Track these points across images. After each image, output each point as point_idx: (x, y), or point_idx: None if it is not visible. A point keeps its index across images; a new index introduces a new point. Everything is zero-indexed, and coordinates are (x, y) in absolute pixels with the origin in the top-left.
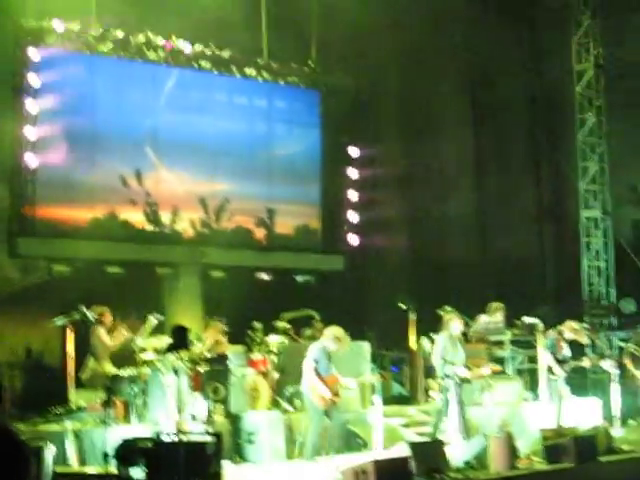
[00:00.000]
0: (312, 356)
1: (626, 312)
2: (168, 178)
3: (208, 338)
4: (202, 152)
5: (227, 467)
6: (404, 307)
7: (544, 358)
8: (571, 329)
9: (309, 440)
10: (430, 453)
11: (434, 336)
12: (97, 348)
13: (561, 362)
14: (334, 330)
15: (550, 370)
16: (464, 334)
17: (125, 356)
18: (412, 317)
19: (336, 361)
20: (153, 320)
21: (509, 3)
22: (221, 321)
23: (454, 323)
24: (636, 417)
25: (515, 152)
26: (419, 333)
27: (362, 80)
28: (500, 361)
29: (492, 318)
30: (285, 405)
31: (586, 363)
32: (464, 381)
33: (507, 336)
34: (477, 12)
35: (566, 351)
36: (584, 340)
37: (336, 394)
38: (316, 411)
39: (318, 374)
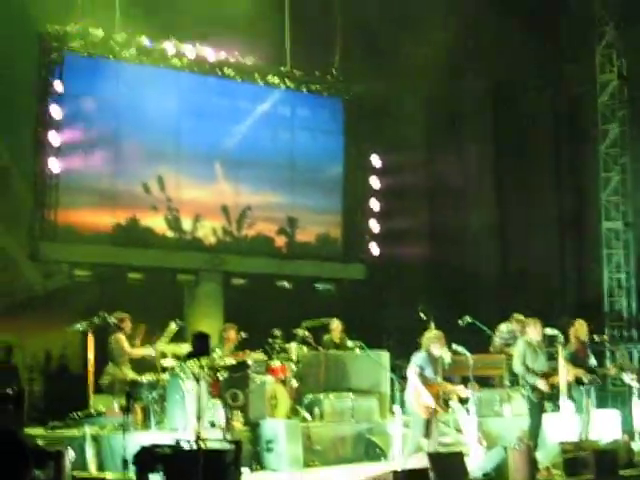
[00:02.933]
0: (416, 362)
1: None
2: (190, 185)
3: (227, 344)
4: (224, 159)
5: (246, 475)
6: (424, 317)
7: (564, 370)
8: (579, 327)
9: (407, 449)
10: (449, 464)
11: (455, 346)
12: (116, 354)
13: (590, 370)
14: (434, 333)
15: (579, 381)
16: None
17: (145, 362)
18: (432, 327)
19: (356, 370)
20: (174, 326)
21: (532, 16)
22: (240, 328)
23: (533, 329)
24: None
25: (537, 163)
26: None
27: (385, 89)
28: None
29: (512, 327)
30: (304, 413)
31: (611, 371)
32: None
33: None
34: (501, 25)
35: (592, 360)
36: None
37: (440, 403)
38: (418, 420)
39: (424, 381)
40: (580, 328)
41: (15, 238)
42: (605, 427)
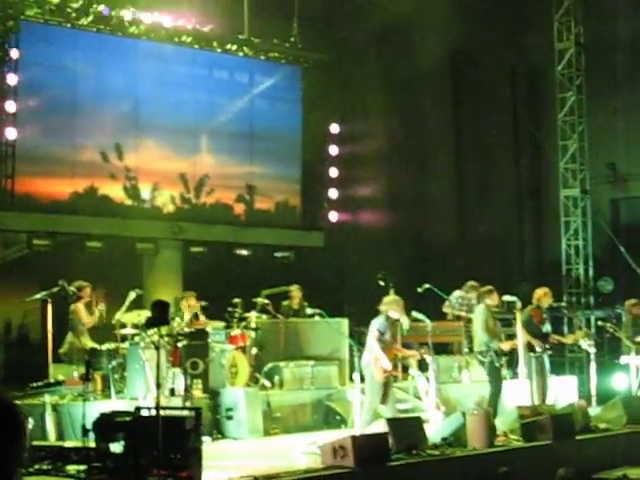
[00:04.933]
0: (375, 326)
1: (604, 291)
2: (148, 153)
3: (186, 312)
4: (182, 127)
5: (206, 443)
6: (383, 283)
7: (522, 336)
8: (542, 295)
9: (365, 413)
10: (408, 430)
11: (414, 313)
12: (76, 323)
13: (543, 337)
14: (392, 298)
15: (530, 347)
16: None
17: (104, 331)
18: (391, 294)
19: (315, 338)
20: (132, 294)
21: None
22: (198, 296)
23: (491, 296)
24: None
25: (495, 130)
26: None
27: (343, 56)
28: None
29: (466, 294)
30: (264, 381)
31: (568, 340)
32: (504, 354)
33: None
34: None
35: (547, 327)
36: (549, 302)
37: (396, 367)
38: (374, 383)
39: (383, 346)
40: (544, 296)
41: None
42: (562, 393)
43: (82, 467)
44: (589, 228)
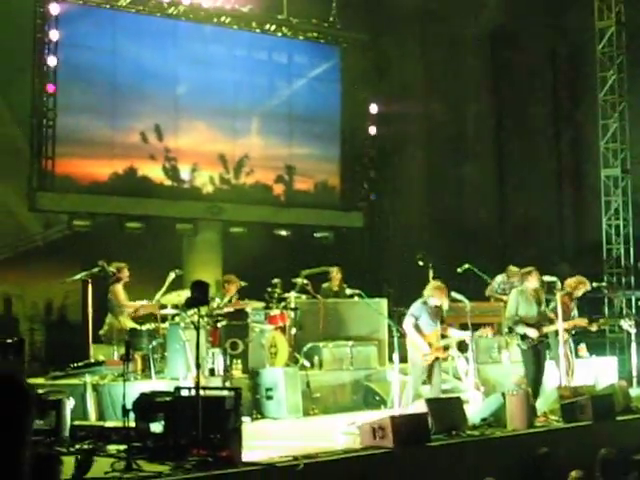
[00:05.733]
0: (410, 312)
1: None
2: (187, 134)
3: (227, 293)
4: (222, 108)
5: (246, 423)
6: (422, 264)
7: (560, 319)
8: (577, 284)
9: (405, 396)
10: (447, 410)
11: (454, 294)
12: (114, 303)
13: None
14: (432, 284)
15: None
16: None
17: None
18: (430, 274)
19: (354, 318)
20: (172, 275)
21: None
22: (239, 277)
23: (531, 277)
24: None
25: (536, 110)
26: None
27: (383, 36)
28: None
29: (508, 279)
30: (303, 361)
31: (592, 327)
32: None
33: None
34: None
35: (574, 312)
36: (588, 287)
37: (438, 349)
38: (415, 366)
39: (418, 330)
40: (579, 285)
41: (14, 189)
42: (603, 374)
43: (122, 447)
44: (630, 208)
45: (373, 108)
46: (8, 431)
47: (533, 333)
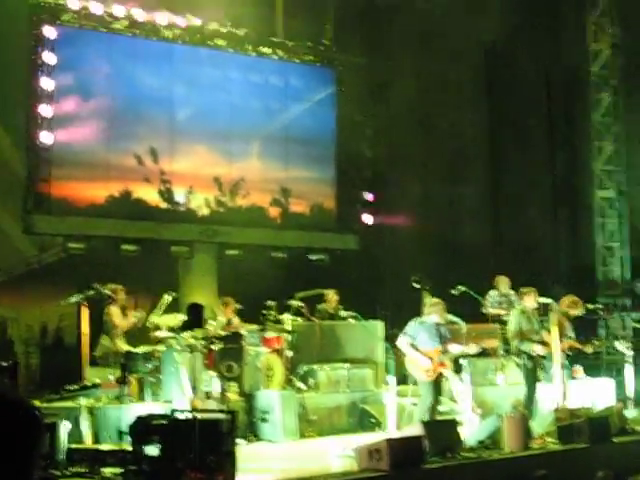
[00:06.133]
0: (404, 331)
1: None
2: (183, 157)
3: (222, 316)
4: (217, 131)
5: (241, 445)
6: (418, 286)
7: (557, 337)
8: (570, 303)
9: (419, 413)
10: (443, 433)
11: (449, 316)
12: (109, 326)
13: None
14: (431, 301)
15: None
16: (482, 314)
17: (140, 334)
18: (426, 296)
19: (350, 341)
20: (168, 298)
21: None
22: (234, 299)
23: (529, 297)
24: None
25: (530, 132)
26: None
27: (378, 58)
28: None
29: (500, 292)
30: (299, 384)
31: (588, 349)
32: (541, 358)
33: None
34: None
35: (570, 333)
36: (581, 312)
37: (442, 364)
38: (423, 385)
39: (414, 348)
40: (573, 305)
41: (9, 212)
42: (599, 395)
43: (118, 470)
44: (625, 230)
45: (368, 130)
46: (19, 454)
47: (540, 350)
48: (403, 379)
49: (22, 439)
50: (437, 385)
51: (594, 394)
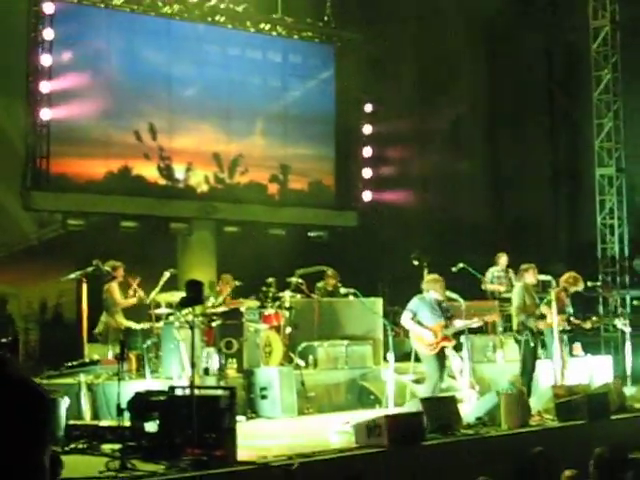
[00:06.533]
0: (408, 307)
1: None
2: (181, 133)
3: (221, 293)
4: (216, 107)
5: (241, 422)
6: (417, 263)
7: (556, 314)
8: (569, 279)
9: (426, 388)
10: (442, 409)
11: (448, 293)
12: (109, 302)
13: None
14: (429, 277)
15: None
16: (481, 290)
17: (139, 310)
18: (425, 273)
19: (349, 318)
20: (167, 274)
21: None
22: (233, 276)
23: (529, 274)
24: None
25: (530, 109)
26: None
27: (377, 35)
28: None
29: (500, 268)
30: (298, 360)
31: (587, 324)
32: (540, 333)
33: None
34: None
35: (569, 309)
36: (582, 285)
37: (445, 338)
38: (428, 359)
39: (418, 323)
40: (573, 282)
41: (9, 188)
42: (598, 372)
43: (117, 446)
44: (624, 207)
45: (367, 107)
46: (29, 431)
47: (543, 325)
48: (402, 356)
49: (31, 418)
50: (442, 361)
51: (593, 371)
